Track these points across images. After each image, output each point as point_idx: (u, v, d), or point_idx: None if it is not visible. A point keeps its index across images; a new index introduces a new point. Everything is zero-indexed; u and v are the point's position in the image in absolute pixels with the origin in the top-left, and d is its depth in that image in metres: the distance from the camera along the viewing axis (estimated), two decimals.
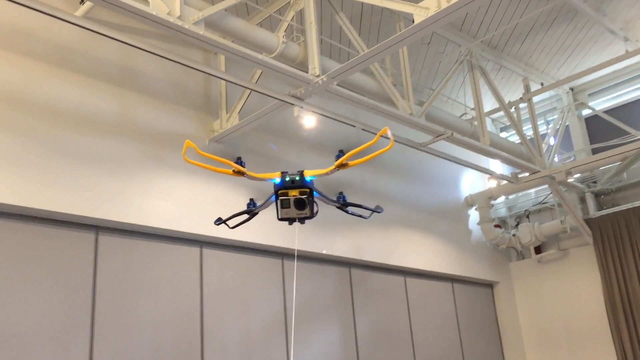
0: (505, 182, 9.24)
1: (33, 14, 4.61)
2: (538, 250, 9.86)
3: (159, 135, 6.02)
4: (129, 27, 5.88)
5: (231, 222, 4.40)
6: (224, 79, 5.94)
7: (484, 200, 9.69)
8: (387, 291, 8.10)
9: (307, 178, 3.41)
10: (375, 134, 3.80)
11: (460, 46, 7.81)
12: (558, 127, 9.46)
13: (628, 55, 7.92)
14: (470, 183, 9.95)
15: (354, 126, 6.58)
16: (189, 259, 6.06)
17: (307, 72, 5.49)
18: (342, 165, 3.39)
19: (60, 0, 5.42)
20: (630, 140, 8.69)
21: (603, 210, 9.23)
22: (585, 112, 9.92)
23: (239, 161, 3.63)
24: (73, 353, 4.98)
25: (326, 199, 3.78)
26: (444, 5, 4.58)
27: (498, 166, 10.00)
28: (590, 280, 9.17)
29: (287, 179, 3.33)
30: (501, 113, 9.32)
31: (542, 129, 9.60)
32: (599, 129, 9.78)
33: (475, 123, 7.73)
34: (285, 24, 5.68)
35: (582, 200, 9.38)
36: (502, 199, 10.09)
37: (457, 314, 9.08)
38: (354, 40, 5.87)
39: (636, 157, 8.29)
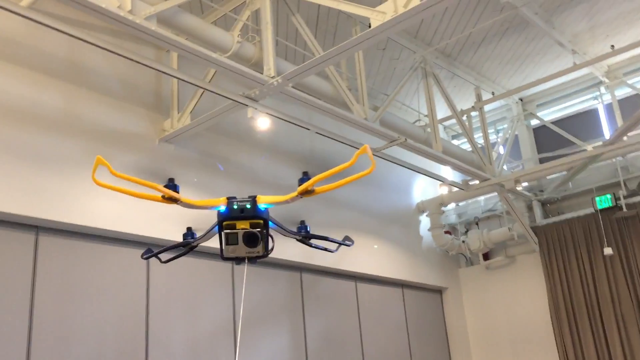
0: (456, 189, 9.36)
1: None
2: (486, 256, 10.03)
3: (106, 133, 5.81)
4: (77, 20, 5.66)
5: (163, 256, 3.74)
6: (176, 77, 5.78)
7: (435, 206, 9.79)
8: (338, 296, 8.07)
9: (261, 206, 2.76)
10: (353, 150, 3.20)
11: (414, 53, 7.87)
12: (507, 136, 9.66)
13: (575, 67, 8.15)
14: (422, 189, 10.03)
15: (308, 129, 6.52)
16: (135, 262, 5.86)
17: (262, 73, 5.40)
18: (306, 192, 2.78)
19: None
20: (576, 150, 8.95)
21: (549, 218, 9.46)
22: (534, 122, 10.16)
23: (171, 184, 2.86)
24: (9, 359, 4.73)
25: (284, 231, 3.18)
26: (401, 10, 4.58)
27: (449, 173, 10.12)
28: (536, 287, 9.37)
29: (235, 206, 2.65)
30: (453, 121, 9.45)
31: (492, 137, 9.78)
32: (547, 139, 10.04)
33: (429, 130, 7.79)
34: (241, 24, 5.57)
35: (529, 208, 9.59)
36: (452, 205, 10.22)
37: (406, 319, 9.12)
38: (309, 43, 5.82)
39: (581, 168, 8.53)
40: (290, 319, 7.29)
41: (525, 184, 9.17)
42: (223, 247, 2.70)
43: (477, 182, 8.63)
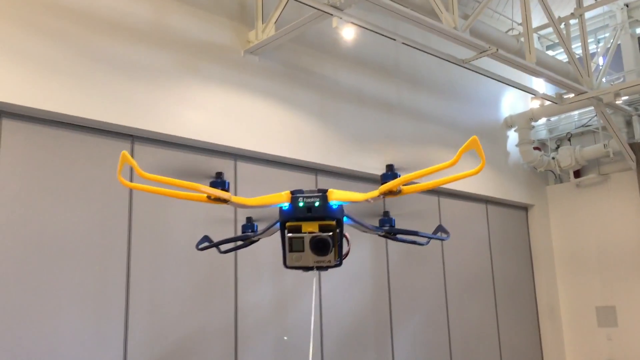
0: (548, 103, 8.91)
1: None
2: (577, 174, 9.64)
3: (193, 44, 5.87)
4: None
5: (222, 247, 3.35)
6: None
7: (525, 121, 9.41)
8: (420, 211, 8.06)
9: (333, 204, 2.18)
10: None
11: None
12: (609, 46, 8.97)
13: None
14: (511, 103, 9.63)
15: (394, 39, 6.31)
16: (223, 171, 6.04)
17: None
18: (390, 193, 2.19)
19: None
20: None
21: None
22: None
23: (219, 180, 2.38)
24: (112, 256, 5.12)
25: (364, 227, 2.60)
26: None
27: (542, 86, 9.62)
28: (630, 206, 8.98)
29: (301, 204, 2.10)
30: (549, 29, 8.85)
31: (591, 47, 9.13)
32: None
33: (522, 39, 7.35)
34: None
35: (629, 124, 9.03)
36: (543, 120, 9.78)
37: (489, 235, 9.05)
38: None
39: None
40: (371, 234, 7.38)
41: (625, 97, 8.58)
42: (286, 254, 2.18)
43: (572, 95, 8.15)
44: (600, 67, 8.68)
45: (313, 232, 2.02)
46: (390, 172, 2.26)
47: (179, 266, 5.54)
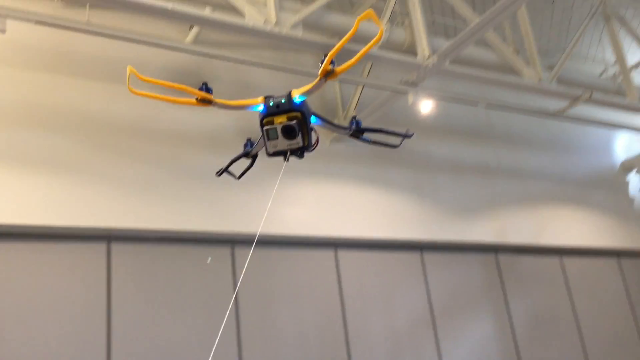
0: None
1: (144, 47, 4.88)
2: None
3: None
4: (240, 43, 5.98)
5: (236, 173, 3.56)
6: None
7: None
8: (542, 274, 7.51)
9: (296, 99, 2.73)
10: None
11: None
12: None
13: None
14: (626, 146, 8.95)
15: (477, 104, 6.17)
16: (325, 263, 6.04)
17: (417, 56, 5.22)
18: (328, 74, 2.65)
19: (172, 30, 5.64)
20: None
21: None
22: None
23: (203, 87, 2.87)
24: None
25: (332, 126, 3.09)
26: None
27: None
28: None
29: (272, 103, 2.67)
30: None
31: None
32: None
33: (620, 79, 6.91)
34: (388, 12, 5.45)
35: None
36: None
37: (628, 292, 8.18)
38: (461, 11, 5.49)
39: None
40: (491, 304, 6.94)
41: None
42: (266, 144, 2.73)
43: None
44: None
45: (283, 122, 2.59)
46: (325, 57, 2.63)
47: None
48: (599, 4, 6.89)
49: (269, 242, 5.78)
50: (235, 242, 5.62)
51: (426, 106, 5.99)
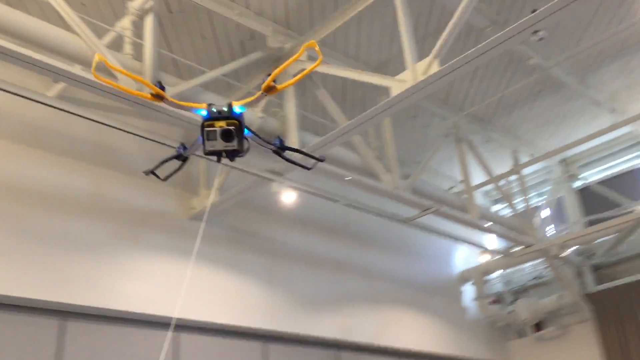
0: (499, 256, 8.96)
1: (3, 94, 4.53)
2: (538, 327, 9.43)
3: (134, 213, 5.81)
4: (103, 105, 5.78)
5: (162, 174, 3.61)
6: (203, 157, 5.78)
7: (479, 275, 9.36)
8: None
9: (236, 109, 2.98)
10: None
11: (446, 119, 7.74)
12: (552, 199, 9.28)
13: (615, 126, 7.84)
14: (464, 257, 9.65)
15: (337, 201, 6.39)
16: (162, 344, 5.70)
17: None
18: (269, 89, 2.94)
19: (34, 80, 5.33)
20: (625, 211, 8.48)
21: (603, 284, 8.89)
22: (580, 183, 9.74)
23: (158, 84, 3.09)
24: None
25: (260, 140, 3.31)
26: (420, 77, 4.50)
27: (493, 240, 9.73)
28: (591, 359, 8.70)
29: (214, 109, 2.94)
30: (493, 185, 9.16)
31: (535, 201, 9.43)
32: (594, 201, 9.57)
33: (464, 196, 7.55)
34: (264, 100, 5.57)
35: (580, 274, 9.06)
36: (498, 272, 9.76)
37: None
38: (333, 113, 5.76)
39: (632, 229, 8.06)
40: None
41: (573, 248, 8.69)
42: (205, 143, 2.97)
43: (520, 248, 8.24)
44: (546, 220, 8.89)
45: (222, 126, 2.88)
46: (268, 77, 2.96)
47: None
48: (452, 126, 7.60)
49: (102, 316, 5.39)
50: (65, 313, 5.16)
51: (289, 197, 6.09)
